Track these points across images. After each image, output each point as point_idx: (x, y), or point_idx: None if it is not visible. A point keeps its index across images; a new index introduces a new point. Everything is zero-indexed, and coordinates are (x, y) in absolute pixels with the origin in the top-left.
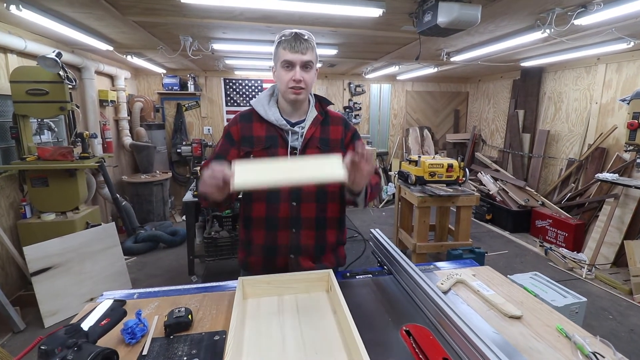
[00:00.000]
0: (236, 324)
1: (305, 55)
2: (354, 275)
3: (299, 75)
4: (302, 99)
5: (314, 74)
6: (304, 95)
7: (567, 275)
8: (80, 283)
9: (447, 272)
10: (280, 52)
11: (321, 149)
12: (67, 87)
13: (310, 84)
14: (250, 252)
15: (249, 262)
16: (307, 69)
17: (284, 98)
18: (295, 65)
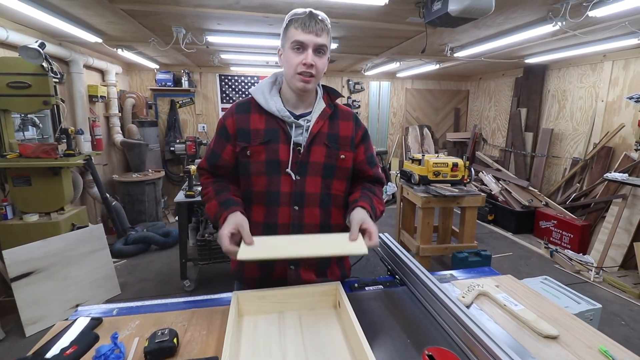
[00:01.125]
0: (230, 348)
1: (319, 38)
2: (363, 286)
3: (311, 59)
4: (311, 88)
5: (326, 61)
6: (313, 85)
7: (575, 278)
8: (64, 289)
9: (467, 283)
10: (290, 32)
11: (329, 147)
12: (52, 80)
13: (321, 72)
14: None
15: (243, 273)
16: (320, 54)
17: (290, 86)
18: (307, 48)
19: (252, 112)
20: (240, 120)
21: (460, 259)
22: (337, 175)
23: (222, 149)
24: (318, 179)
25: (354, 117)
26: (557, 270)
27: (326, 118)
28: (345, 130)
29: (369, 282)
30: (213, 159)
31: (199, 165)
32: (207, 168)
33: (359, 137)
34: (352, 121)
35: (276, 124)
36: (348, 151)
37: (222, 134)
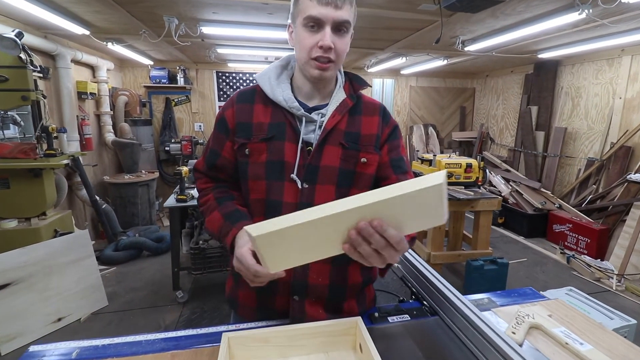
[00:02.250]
0: None
1: (340, 10)
2: (385, 316)
3: (329, 40)
4: (329, 76)
5: (348, 41)
6: (332, 72)
7: (595, 286)
8: (45, 301)
9: (511, 311)
10: (302, 4)
11: (347, 147)
12: (31, 73)
13: (342, 56)
14: (240, 284)
15: (237, 298)
16: (341, 33)
17: (304, 73)
18: (324, 25)
19: (256, 102)
20: (241, 111)
21: (475, 267)
22: (357, 183)
23: (221, 146)
24: (331, 188)
25: (382, 111)
26: (575, 277)
27: (345, 112)
28: (369, 127)
29: (391, 310)
30: (211, 159)
31: (195, 166)
32: (205, 170)
33: (386, 135)
34: (379, 115)
35: (283, 117)
36: (372, 153)
37: (220, 128)
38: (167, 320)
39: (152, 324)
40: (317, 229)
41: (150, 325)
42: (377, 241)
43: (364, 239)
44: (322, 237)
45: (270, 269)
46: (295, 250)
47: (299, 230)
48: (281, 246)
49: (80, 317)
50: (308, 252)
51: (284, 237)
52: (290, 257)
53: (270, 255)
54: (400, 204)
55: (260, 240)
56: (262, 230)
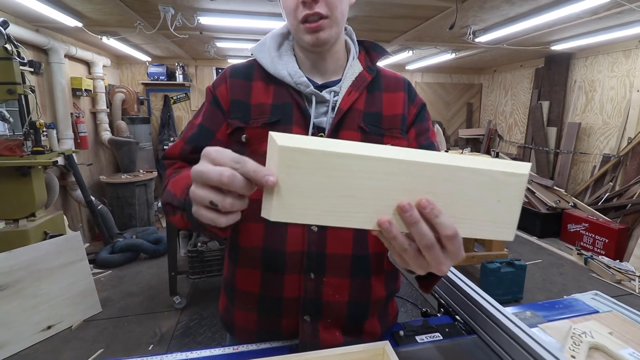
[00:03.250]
0: None
1: None
2: (412, 335)
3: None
4: (327, 38)
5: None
6: (331, 32)
7: (616, 289)
8: (34, 308)
9: (562, 327)
10: None
11: (367, 132)
12: (18, 66)
13: (336, 6)
14: (236, 303)
15: (233, 319)
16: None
17: (300, 43)
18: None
19: (254, 79)
20: (236, 88)
21: (491, 270)
22: None
23: (217, 125)
24: None
25: (406, 86)
26: (594, 280)
27: (363, 88)
28: (393, 107)
29: (418, 327)
30: (200, 138)
31: (167, 153)
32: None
33: (413, 115)
34: (404, 91)
35: (288, 96)
36: (398, 137)
37: (215, 104)
38: (164, 328)
39: (148, 331)
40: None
41: (145, 333)
42: (424, 233)
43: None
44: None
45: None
46: (324, 196)
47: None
48: (310, 181)
49: (71, 324)
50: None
51: (321, 168)
52: (313, 203)
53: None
54: (465, 182)
55: (287, 157)
56: (295, 143)
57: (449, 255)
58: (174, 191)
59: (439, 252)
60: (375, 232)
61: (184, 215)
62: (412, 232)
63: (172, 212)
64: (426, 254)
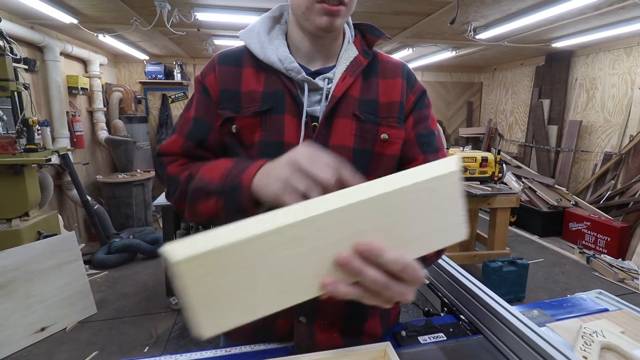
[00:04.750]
0: None
1: None
2: (414, 336)
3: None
4: (339, 25)
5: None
6: (343, 20)
7: (619, 288)
8: (27, 309)
9: (572, 326)
10: None
11: (362, 120)
12: (11, 62)
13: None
14: None
15: None
16: None
17: (304, 25)
18: None
19: (245, 65)
20: (226, 76)
21: (493, 269)
22: (375, 169)
23: (212, 116)
24: None
25: (405, 71)
26: (597, 278)
27: (358, 73)
28: (390, 94)
29: (421, 327)
30: (199, 132)
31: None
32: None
33: (411, 103)
34: (402, 77)
35: (280, 83)
36: (395, 127)
37: (205, 92)
38: (160, 329)
39: (144, 333)
40: (281, 250)
41: (141, 335)
42: (373, 278)
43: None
44: (289, 266)
45: (205, 330)
46: (249, 290)
47: (251, 251)
48: (227, 281)
49: (65, 326)
50: (270, 294)
51: (233, 263)
52: (242, 302)
53: (208, 298)
54: (396, 206)
55: (189, 269)
56: (192, 251)
57: (409, 284)
58: (210, 177)
59: (397, 287)
60: (324, 296)
61: (219, 201)
62: (362, 282)
63: (205, 198)
64: (384, 294)
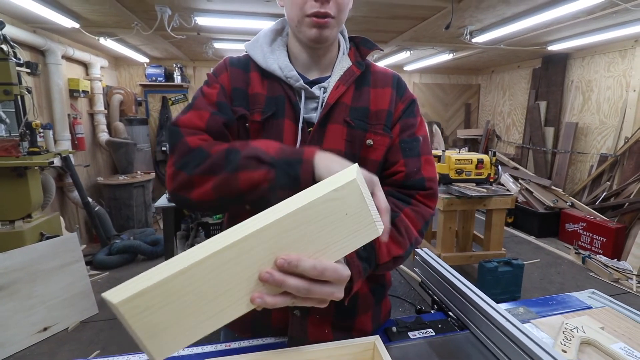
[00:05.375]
0: None
1: None
2: (404, 331)
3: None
4: (330, 36)
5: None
6: (333, 30)
7: (614, 288)
8: (29, 310)
9: (555, 323)
10: None
11: (352, 126)
12: (14, 66)
13: (345, 9)
14: None
15: None
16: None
17: (299, 36)
18: None
19: (251, 70)
20: (236, 76)
21: (488, 269)
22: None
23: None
24: None
25: (395, 81)
26: (592, 279)
27: (351, 82)
28: (380, 102)
29: (411, 323)
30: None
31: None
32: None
33: (400, 110)
34: (392, 87)
35: (281, 89)
36: (380, 134)
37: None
38: None
39: None
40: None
41: None
42: (295, 286)
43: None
44: (221, 289)
45: (157, 356)
46: (189, 315)
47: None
48: (167, 312)
49: (67, 326)
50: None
51: (168, 295)
52: (185, 326)
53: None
54: (307, 220)
55: (129, 308)
56: (129, 291)
57: (333, 284)
58: (265, 148)
59: (322, 288)
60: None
61: (270, 172)
62: (286, 289)
63: (255, 166)
64: (311, 296)
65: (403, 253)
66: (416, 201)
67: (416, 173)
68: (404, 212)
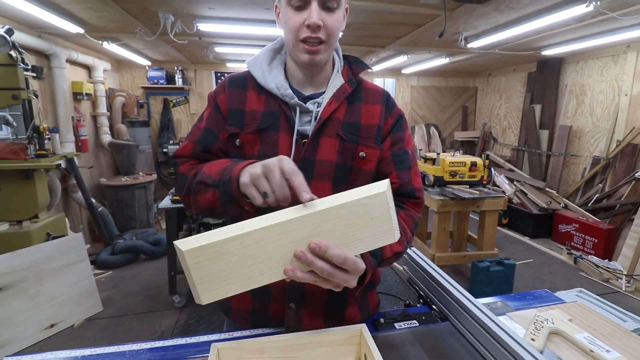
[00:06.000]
0: None
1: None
2: (391, 322)
3: (316, 17)
4: (322, 60)
5: (341, 18)
6: (325, 54)
7: (604, 287)
8: (36, 307)
9: (528, 315)
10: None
11: (345, 140)
12: (22, 72)
13: (334, 34)
14: None
15: (230, 303)
16: (331, 10)
17: (294, 58)
18: (310, 1)
19: (249, 88)
20: (233, 97)
21: (481, 268)
22: (354, 181)
23: (219, 128)
24: (327, 185)
25: (385, 98)
26: (583, 278)
27: (343, 99)
28: (370, 117)
29: (397, 315)
30: (206, 140)
31: (178, 153)
32: (194, 154)
33: (389, 125)
34: (381, 104)
35: (277, 105)
36: (372, 147)
37: (217, 109)
38: (164, 326)
39: (148, 329)
40: (257, 244)
41: (146, 331)
42: (320, 267)
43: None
44: (264, 255)
45: (203, 299)
46: (234, 271)
47: (236, 244)
48: (218, 264)
49: (73, 323)
50: (251, 274)
51: (221, 252)
52: (230, 280)
53: (205, 277)
54: (339, 216)
55: (191, 256)
56: (193, 244)
57: (350, 273)
58: (209, 172)
59: (341, 275)
60: (287, 278)
61: (216, 193)
62: (313, 269)
63: (204, 189)
64: (331, 279)
65: (402, 249)
66: (407, 206)
67: (408, 184)
68: (400, 215)
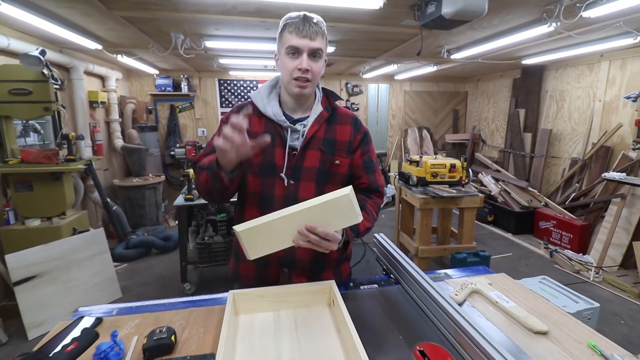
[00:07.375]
0: (225, 345)
1: (314, 42)
2: (358, 285)
3: (306, 64)
4: (307, 93)
5: (322, 65)
6: (310, 89)
7: (574, 278)
8: (66, 292)
9: (461, 281)
10: (285, 37)
11: (324, 152)
12: (52, 87)
13: (317, 76)
14: (240, 260)
15: (239, 271)
16: (316, 58)
17: (287, 91)
18: (302, 52)
19: (252, 115)
20: None
21: (459, 259)
22: (332, 180)
23: None
24: (312, 185)
25: (353, 121)
26: (556, 270)
27: (322, 122)
28: (343, 135)
29: (364, 281)
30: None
31: (197, 158)
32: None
33: (358, 140)
34: (351, 125)
35: (273, 127)
36: (344, 156)
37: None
38: None
39: None
40: (278, 226)
41: None
42: (313, 238)
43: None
44: (282, 232)
45: (251, 256)
46: (266, 241)
47: (267, 227)
48: (257, 238)
49: None
50: (275, 242)
51: (259, 231)
52: (265, 246)
53: (251, 244)
54: (323, 209)
55: (243, 234)
56: (244, 227)
57: (331, 242)
58: (205, 161)
59: (326, 243)
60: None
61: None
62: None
63: (200, 172)
64: (320, 245)
65: (370, 225)
66: (374, 197)
67: (374, 183)
68: (369, 203)
